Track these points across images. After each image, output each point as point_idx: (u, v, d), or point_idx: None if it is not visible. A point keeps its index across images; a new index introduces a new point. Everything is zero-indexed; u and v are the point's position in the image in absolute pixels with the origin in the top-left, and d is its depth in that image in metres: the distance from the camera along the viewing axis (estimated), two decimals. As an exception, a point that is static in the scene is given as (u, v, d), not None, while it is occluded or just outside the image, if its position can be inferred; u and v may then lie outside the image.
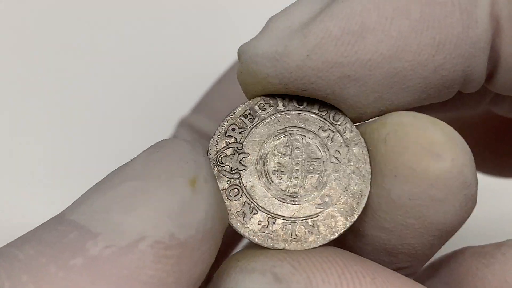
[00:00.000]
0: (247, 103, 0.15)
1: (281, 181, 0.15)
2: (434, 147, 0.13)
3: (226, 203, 0.15)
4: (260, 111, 0.15)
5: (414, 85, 0.14)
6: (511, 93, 0.16)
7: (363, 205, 0.14)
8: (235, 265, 0.14)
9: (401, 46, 0.14)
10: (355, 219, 0.14)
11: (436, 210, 0.13)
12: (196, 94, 0.25)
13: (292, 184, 0.15)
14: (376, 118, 0.15)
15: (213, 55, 0.28)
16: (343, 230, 0.14)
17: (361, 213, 0.14)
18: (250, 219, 0.15)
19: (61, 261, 0.11)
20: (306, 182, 0.15)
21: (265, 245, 0.14)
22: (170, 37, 0.34)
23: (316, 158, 0.15)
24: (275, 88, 0.15)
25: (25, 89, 0.34)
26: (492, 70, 0.15)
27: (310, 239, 0.14)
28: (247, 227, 0.14)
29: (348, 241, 0.15)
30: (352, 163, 0.15)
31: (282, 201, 0.15)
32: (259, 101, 0.15)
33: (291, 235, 0.14)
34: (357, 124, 0.16)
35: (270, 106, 0.15)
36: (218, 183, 0.15)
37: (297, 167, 0.15)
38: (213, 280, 0.14)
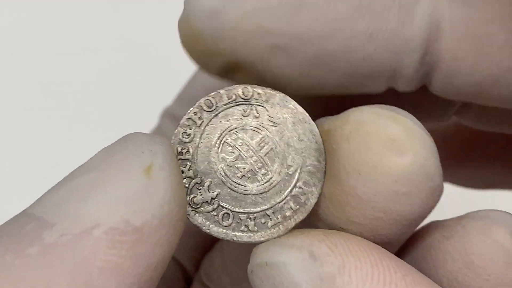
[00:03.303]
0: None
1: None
2: (395, 144, 0.13)
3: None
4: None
5: (342, 68, 0.15)
6: (451, 97, 0.16)
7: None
8: (273, 241, 0.14)
9: (335, 28, 0.14)
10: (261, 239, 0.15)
11: (402, 204, 0.14)
12: (179, 85, 0.25)
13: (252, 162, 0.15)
14: (340, 114, 0.15)
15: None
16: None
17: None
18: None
19: (18, 250, 0.12)
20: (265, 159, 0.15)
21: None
22: (152, 28, 0.34)
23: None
24: (207, 48, 0.15)
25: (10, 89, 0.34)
26: (431, 72, 0.15)
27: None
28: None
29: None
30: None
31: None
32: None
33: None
34: (321, 119, 0.16)
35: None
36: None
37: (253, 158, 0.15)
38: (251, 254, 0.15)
